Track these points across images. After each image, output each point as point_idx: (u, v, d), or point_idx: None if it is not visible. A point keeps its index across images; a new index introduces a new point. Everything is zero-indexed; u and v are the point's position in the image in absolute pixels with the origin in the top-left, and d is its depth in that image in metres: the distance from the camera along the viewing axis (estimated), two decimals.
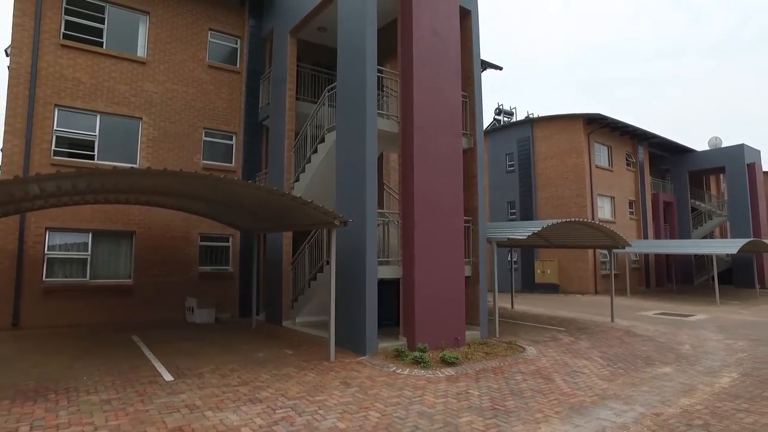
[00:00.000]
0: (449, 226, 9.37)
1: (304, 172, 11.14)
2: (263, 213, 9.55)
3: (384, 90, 11.86)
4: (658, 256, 26.52)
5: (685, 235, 28.41)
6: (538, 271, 24.11)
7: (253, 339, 9.92)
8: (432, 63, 9.50)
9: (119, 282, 11.64)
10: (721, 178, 32.16)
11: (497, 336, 10.35)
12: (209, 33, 13.36)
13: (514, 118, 32.75)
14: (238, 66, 13.82)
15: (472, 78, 11.02)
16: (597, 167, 23.74)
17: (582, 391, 6.47)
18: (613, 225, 21.95)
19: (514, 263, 23.61)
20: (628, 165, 25.97)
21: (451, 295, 9.22)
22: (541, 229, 11.08)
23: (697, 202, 29.48)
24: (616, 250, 15.47)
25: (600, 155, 24.40)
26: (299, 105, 12.39)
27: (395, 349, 8.42)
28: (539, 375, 7.33)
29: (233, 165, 13.47)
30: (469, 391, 6.44)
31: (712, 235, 30.74)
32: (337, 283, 8.40)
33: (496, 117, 32.41)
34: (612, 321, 13.10)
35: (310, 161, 10.96)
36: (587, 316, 14.22)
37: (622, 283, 22.03)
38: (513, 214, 26.16)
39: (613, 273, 15.64)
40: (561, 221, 11.23)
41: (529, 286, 24.20)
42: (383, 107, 10.07)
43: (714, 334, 11.43)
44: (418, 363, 7.70)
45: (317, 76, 13.48)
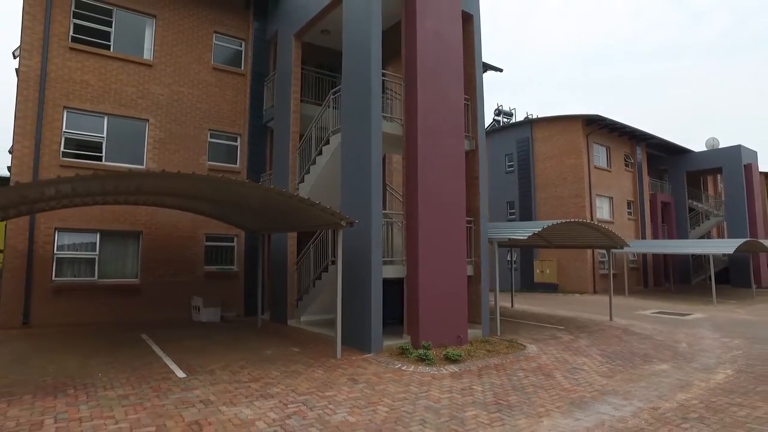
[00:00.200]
0: (452, 227, 9.56)
1: (308, 173, 11.33)
2: (270, 214, 9.74)
3: (387, 92, 12.04)
4: (656, 256, 26.76)
5: (683, 235, 28.65)
6: (538, 270, 24.33)
7: (259, 337, 10.11)
8: (435, 67, 9.68)
9: (126, 281, 11.83)
10: (719, 178, 32.42)
11: (498, 334, 10.56)
12: (214, 36, 13.55)
13: (514, 119, 32.98)
14: (243, 68, 14.01)
15: (474, 81, 11.22)
16: (596, 168, 23.96)
17: (582, 387, 6.68)
18: (611, 225, 22.19)
19: (514, 263, 23.84)
20: (626, 165, 26.20)
21: (454, 294, 9.41)
22: (541, 229, 11.29)
23: (695, 203, 29.71)
24: (614, 250, 15.71)
25: (599, 156, 24.62)
26: (303, 107, 12.56)
27: (400, 346, 8.63)
28: (540, 372, 7.54)
29: (238, 166, 13.66)
30: (473, 387, 6.65)
31: (709, 235, 30.98)
32: (343, 283, 8.58)
33: (496, 118, 32.62)
34: (610, 320, 13.32)
35: (315, 163, 11.15)
36: (586, 315, 14.45)
37: (621, 282, 22.25)
38: (512, 215, 26.37)
39: (612, 273, 15.89)
40: (561, 222, 11.42)
41: (528, 285, 24.42)
42: (387, 110, 10.26)
43: (710, 332, 11.66)
44: (423, 360, 7.91)
45: (320, 79, 13.68)
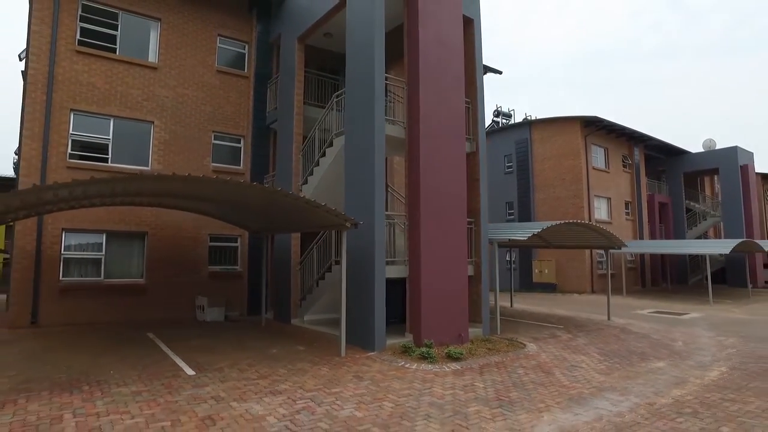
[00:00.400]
0: (453, 228, 9.76)
1: (312, 174, 11.51)
2: (275, 215, 9.93)
3: (389, 95, 12.22)
4: (653, 256, 27.01)
5: (680, 235, 28.91)
6: (536, 270, 24.54)
7: (264, 336, 10.29)
8: (437, 71, 9.87)
9: (132, 281, 12.01)
10: (715, 179, 32.69)
11: (498, 333, 10.76)
12: (218, 39, 13.72)
13: (513, 120, 33.20)
14: (246, 71, 14.19)
15: (474, 84, 11.42)
16: (594, 169, 24.19)
17: (580, 384, 6.89)
18: (609, 225, 22.43)
19: (513, 263, 24.06)
20: (624, 166, 26.44)
21: (455, 293, 9.61)
22: (540, 230, 11.50)
23: (692, 203, 29.99)
24: (612, 251, 15.94)
25: (597, 157, 24.86)
26: (305, 109, 12.73)
27: (402, 345, 8.82)
28: (540, 369, 7.74)
29: (241, 167, 13.84)
30: (474, 383, 6.84)
31: (706, 236, 31.25)
32: (347, 282, 8.77)
33: (495, 119, 32.84)
34: (608, 319, 13.53)
35: (318, 164, 11.33)
36: (584, 315, 14.66)
37: (619, 282, 22.48)
38: (511, 215, 26.58)
39: (610, 273, 16.07)
40: (560, 223, 11.61)
41: (527, 285, 24.64)
42: (389, 113, 10.43)
43: (706, 331, 11.88)
44: (425, 358, 8.10)
45: (322, 81, 13.87)
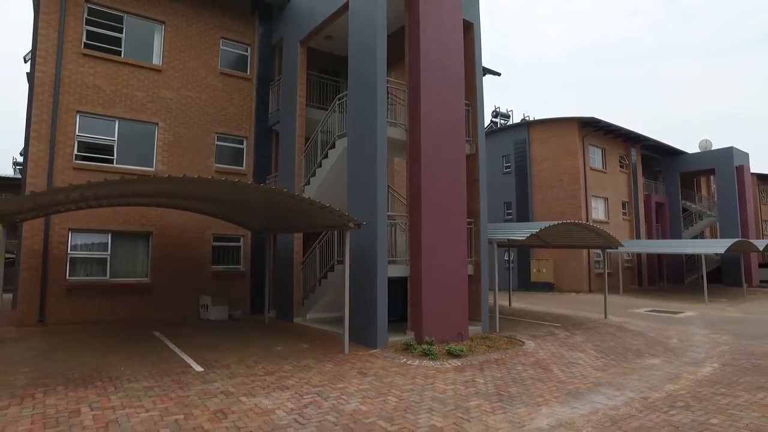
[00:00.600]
0: (453, 228, 9.98)
1: (314, 176, 11.71)
2: (278, 215, 10.13)
3: (390, 97, 12.41)
4: (650, 256, 27.27)
5: (677, 235, 29.19)
6: (534, 270, 24.79)
7: (268, 334, 10.49)
8: (438, 74, 10.09)
9: (137, 280, 12.19)
10: (712, 179, 32.99)
11: (497, 331, 10.99)
12: (221, 41, 13.91)
13: (511, 121, 33.44)
14: (249, 73, 14.37)
15: (474, 87, 11.64)
16: (591, 169, 24.44)
17: (577, 380, 7.11)
18: (606, 225, 22.68)
19: (511, 262, 24.30)
20: (621, 167, 26.71)
21: (455, 292, 9.83)
22: (539, 230, 11.73)
23: (688, 203, 30.29)
24: (609, 250, 16.17)
25: (594, 157, 25.11)
26: (307, 111, 12.92)
27: (404, 342, 9.03)
28: (538, 366, 7.97)
29: (244, 168, 14.02)
30: (475, 379, 7.06)
31: (702, 235, 31.55)
32: (350, 281, 8.98)
33: (493, 119, 33.07)
34: (605, 317, 13.77)
35: (320, 165, 11.53)
36: (582, 313, 14.90)
37: (615, 281, 22.74)
38: (509, 215, 26.82)
39: (607, 272, 16.29)
40: (558, 223, 11.85)
41: (525, 284, 24.88)
42: (390, 115, 10.63)
43: (701, 329, 12.13)
44: (427, 355, 8.32)
45: (323, 83, 14.06)
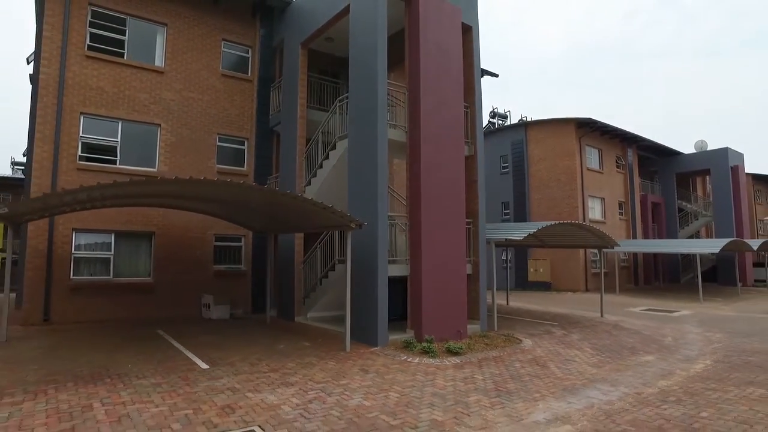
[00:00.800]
0: (452, 228, 10.16)
1: (315, 176, 11.87)
2: (280, 215, 10.29)
3: (390, 99, 12.56)
4: (646, 255, 27.53)
5: (673, 234, 29.47)
6: (531, 269, 25.00)
7: (270, 333, 10.66)
8: (437, 77, 10.27)
9: (140, 280, 12.33)
10: (707, 179, 33.29)
11: (495, 329, 11.18)
12: (222, 43, 14.05)
13: (509, 121, 33.66)
14: (250, 74, 14.51)
15: (473, 89, 11.81)
16: (588, 169, 24.67)
17: (574, 376, 7.31)
18: (603, 225, 22.91)
19: (509, 262, 24.52)
20: (617, 167, 26.95)
21: (455, 291, 10.01)
22: (536, 230, 11.93)
23: (684, 203, 30.56)
24: (605, 250, 16.39)
25: (591, 158, 25.34)
26: (307, 112, 13.07)
27: (404, 341, 9.22)
28: (535, 363, 8.16)
29: (245, 169, 14.17)
30: (474, 376, 7.25)
31: (698, 235, 31.83)
32: (351, 281, 9.15)
33: (491, 119, 33.27)
34: (601, 316, 13.99)
35: (321, 166, 11.70)
36: (578, 312, 15.12)
37: (612, 281, 22.97)
38: (507, 215, 27.03)
39: (603, 271, 16.51)
40: (555, 223, 12.04)
41: (522, 284, 25.09)
42: (390, 117, 10.78)
43: (695, 327, 12.36)
44: (426, 353, 8.51)
45: (324, 85, 14.22)
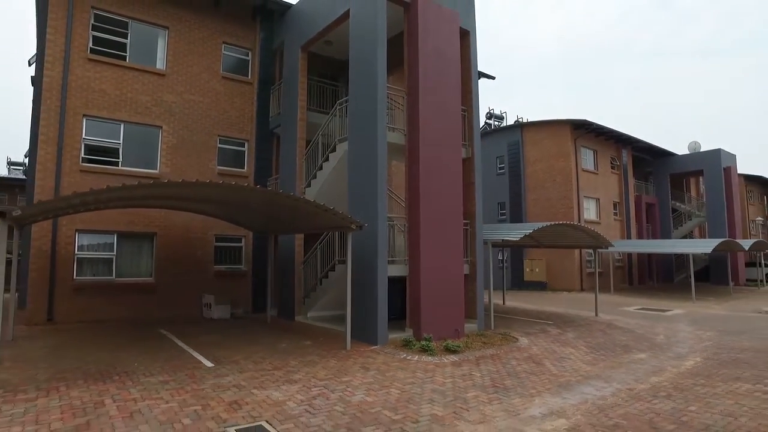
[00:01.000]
0: (450, 229, 10.38)
1: (315, 178, 12.06)
2: (281, 217, 10.48)
3: (389, 102, 12.74)
4: (640, 255, 27.84)
5: (666, 234, 29.82)
6: (527, 269, 25.28)
7: (271, 332, 10.84)
8: (435, 81, 10.48)
9: (142, 280, 12.49)
10: (700, 180, 33.68)
11: (492, 328, 11.41)
12: (223, 46, 14.20)
13: (505, 122, 33.92)
14: (250, 77, 14.68)
15: (470, 92, 12.03)
16: (583, 170, 24.97)
17: (569, 373, 7.54)
18: (598, 225, 23.22)
19: (505, 262, 24.76)
20: (612, 168, 27.26)
21: (452, 291, 10.24)
22: (532, 231, 12.16)
23: (678, 204, 30.93)
24: (600, 250, 16.67)
25: (586, 159, 25.64)
26: (307, 115, 13.24)
27: (403, 339, 9.43)
28: (531, 360, 8.40)
29: (245, 170, 14.34)
30: (472, 373, 7.47)
31: (691, 235, 32.21)
32: (351, 281, 9.34)
33: (487, 121, 33.53)
34: (596, 315, 14.25)
35: (321, 168, 11.89)
36: (573, 311, 15.38)
37: (607, 280, 23.26)
38: (503, 215, 27.30)
39: (598, 271, 16.78)
40: (550, 224, 12.28)
41: (518, 283, 25.36)
42: (389, 120, 10.97)
43: (687, 326, 12.63)
44: (425, 351, 8.72)
45: (322, 87, 14.41)
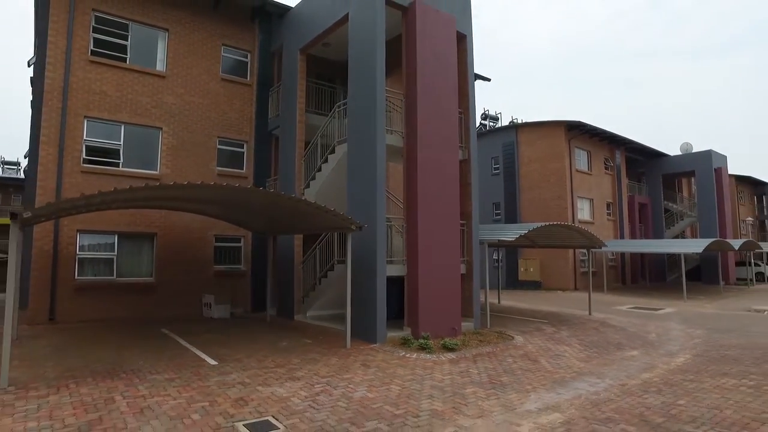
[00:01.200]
0: (447, 230, 10.59)
1: (314, 179, 12.24)
2: (282, 217, 10.64)
3: (387, 105, 12.91)
4: (633, 255, 28.23)
5: (659, 234, 30.23)
6: (522, 269, 25.56)
7: (271, 331, 11.01)
8: (433, 85, 10.68)
9: (142, 280, 12.61)
10: (692, 181, 34.13)
11: (488, 327, 11.64)
12: (222, 48, 14.33)
13: (500, 123, 34.22)
14: (249, 79, 14.81)
15: (467, 95, 12.25)
16: (577, 171, 25.29)
17: (563, 370, 7.78)
18: (591, 225, 23.53)
19: (500, 261, 25.04)
20: (606, 169, 27.61)
21: (449, 290, 10.45)
22: (527, 231, 12.41)
23: (670, 204, 31.35)
24: (594, 250, 16.96)
25: (580, 159, 25.96)
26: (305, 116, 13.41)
27: (402, 337, 9.64)
28: (527, 358, 8.63)
29: (245, 171, 14.48)
30: (469, 370, 7.69)
31: (683, 235, 32.66)
32: (351, 280, 9.53)
33: (482, 122, 33.81)
34: (590, 314, 14.52)
35: (320, 170, 12.07)
36: (567, 310, 15.65)
37: (600, 279, 23.58)
38: (498, 215, 27.57)
39: (591, 271, 17.11)
40: (545, 224, 12.52)
41: (513, 283, 25.63)
42: (388, 122, 11.14)
43: (678, 324, 12.93)
44: (424, 349, 8.93)
45: (320, 89, 14.56)
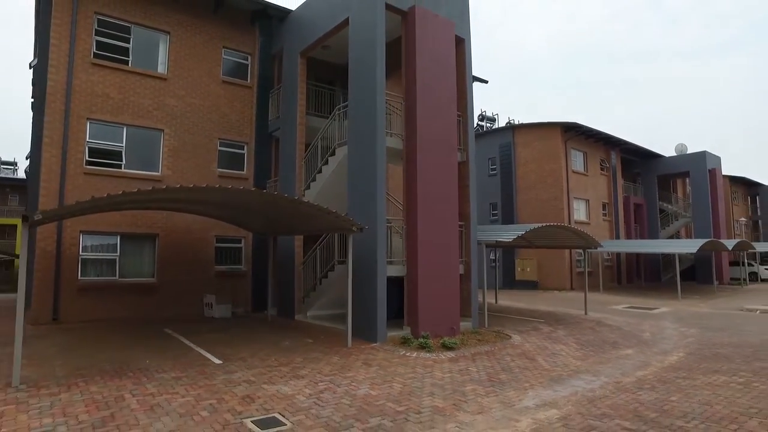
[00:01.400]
0: (446, 231, 10.78)
1: (315, 181, 12.39)
2: (284, 219, 10.80)
3: (387, 107, 13.07)
4: (628, 255, 28.52)
5: (654, 235, 30.53)
6: (519, 269, 25.80)
7: (273, 331, 11.16)
8: (432, 88, 10.86)
9: (144, 280, 12.74)
10: (687, 181, 34.46)
11: (486, 326, 11.84)
12: (223, 50, 14.47)
13: (497, 124, 34.45)
14: (249, 81, 14.96)
15: (465, 98, 12.43)
16: (573, 172, 25.55)
17: (560, 368, 7.97)
18: (587, 226, 23.80)
19: (497, 261, 25.26)
20: (602, 170, 27.89)
21: (448, 290, 10.63)
22: (525, 232, 12.61)
23: (665, 204, 31.65)
24: (589, 250, 17.18)
25: (576, 160, 26.22)
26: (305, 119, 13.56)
27: (401, 337, 9.81)
28: (524, 356, 8.82)
29: (245, 173, 14.62)
30: (468, 368, 7.87)
31: (678, 235, 32.97)
32: (351, 281, 9.70)
33: (479, 123, 34.03)
34: (586, 314, 14.74)
35: (320, 171, 12.22)
36: (564, 310, 15.87)
37: (596, 279, 23.84)
38: (495, 216, 27.79)
39: (587, 271, 17.31)
40: (542, 225, 12.73)
41: (510, 283, 25.86)
42: (387, 125, 11.30)
43: (672, 323, 13.16)
44: (423, 348, 9.10)
45: (319, 91, 14.72)
